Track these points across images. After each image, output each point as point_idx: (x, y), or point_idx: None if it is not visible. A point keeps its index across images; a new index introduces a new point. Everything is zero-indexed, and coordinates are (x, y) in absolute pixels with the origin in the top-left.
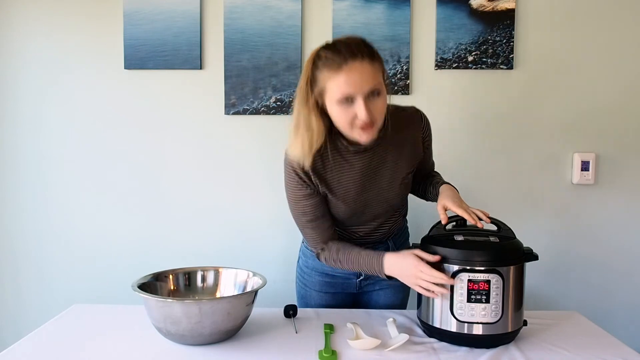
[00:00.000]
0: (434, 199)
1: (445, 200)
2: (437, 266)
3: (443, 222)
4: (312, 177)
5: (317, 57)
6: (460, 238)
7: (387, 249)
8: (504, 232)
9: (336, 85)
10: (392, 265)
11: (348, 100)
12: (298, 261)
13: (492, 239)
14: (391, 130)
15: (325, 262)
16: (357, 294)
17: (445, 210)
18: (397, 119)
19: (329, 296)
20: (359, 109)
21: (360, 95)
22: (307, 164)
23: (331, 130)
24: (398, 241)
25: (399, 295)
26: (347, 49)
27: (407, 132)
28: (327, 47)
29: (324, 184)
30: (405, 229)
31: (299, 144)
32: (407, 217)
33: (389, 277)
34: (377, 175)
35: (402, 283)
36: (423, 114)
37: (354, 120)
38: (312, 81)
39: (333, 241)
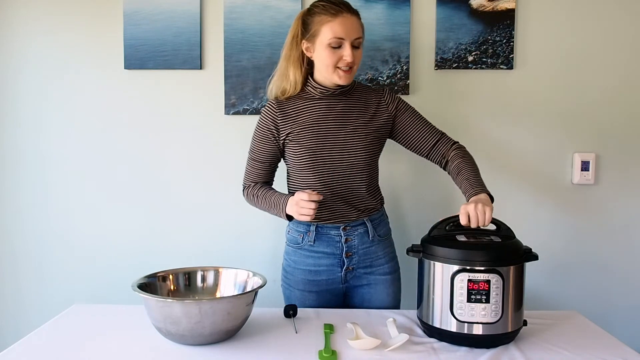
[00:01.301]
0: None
1: (467, 204)
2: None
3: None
4: (278, 115)
5: (313, 6)
6: (461, 238)
7: (367, 231)
8: (503, 231)
9: (330, 29)
10: (289, 205)
11: (338, 43)
12: (282, 264)
13: (492, 238)
14: (358, 90)
15: (246, 198)
16: (344, 293)
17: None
18: (365, 86)
19: (313, 295)
20: (346, 52)
21: (349, 40)
22: (279, 97)
23: (305, 80)
24: (375, 223)
25: (388, 289)
26: (341, 3)
27: (372, 96)
28: (320, 0)
29: (289, 122)
30: (384, 215)
31: (276, 87)
32: (384, 207)
33: (289, 218)
34: (338, 122)
35: (390, 276)
36: (387, 88)
37: (337, 62)
38: (302, 32)
39: (260, 184)
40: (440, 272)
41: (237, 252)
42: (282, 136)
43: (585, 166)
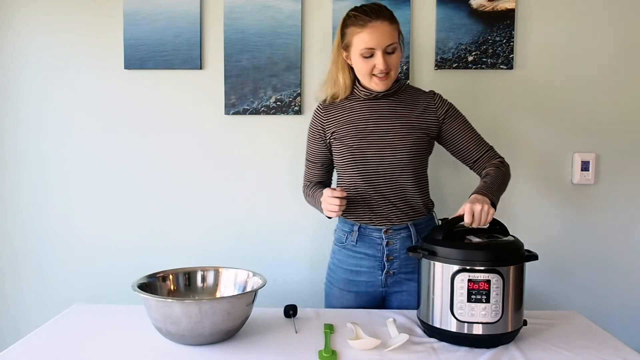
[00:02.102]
0: None
1: (468, 201)
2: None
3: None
4: (324, 116)
5: (347, 17)
6: (474, 239)
7: (410, 236)
8: (501, 231)
9: (361, 40)
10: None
11: (369, 52)
12: (328, 262)
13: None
14: (405, 93)
15: (304, 195)
16: (384, 297)
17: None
18: (414, 89)
19: (352, 295)
20: (378, 60)
21: (380, 49)
22: (328, 100)
23: (353, 83)
24: (420, 228)
25: None
26: (371, 11)
27: (420, 98)
28: (355, 9)
29: (333, 122)
30: (432, 221)
31: (327, 93)
32: (434, 214)
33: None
34: (381, 122)
35: None
36: (439, 94)
37: (372, 70)
38: (341, 40)
39: (315, 183)
40: (440, 272)
41: (237, 252)
42: (327, 135)
43: (585, 166)
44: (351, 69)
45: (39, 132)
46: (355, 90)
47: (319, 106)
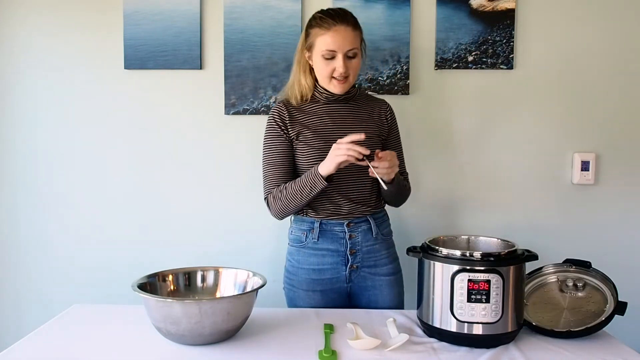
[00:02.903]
0: (385, 194)
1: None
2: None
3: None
4: (286, 115)
5: (312, 18)
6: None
7: (370, 228)
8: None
9: (323, 42)
10: (322, 163)
11: (331, 55)
12: (285, 265)
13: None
14: (361, 98)
15: (272, 207)
16: (349, 293)
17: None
18: (368, 95)
19: (318, 295)
20: (338, 63)
21: (341, 52)
22: (294, 102)
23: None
24: (378, 222)
25: (393, 290)
26: (337, 15)
27: (374, 105)
28: (322, 11)
29: (296, 124)
30: (386, 216)
31: (292, 94)
32: (386, 209)
33: (328, 180)
34: (344, 125)
35: (393, 277)
36: (389, 104)
37: (332, 73)
38: (305, 40)
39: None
40: (440, 272)
41: (237, 252)
42: (291, 135)
43: (585, 166)
44: (312, 70)
45: (38, 132)
46: (315, 93)
47: (278, 105)
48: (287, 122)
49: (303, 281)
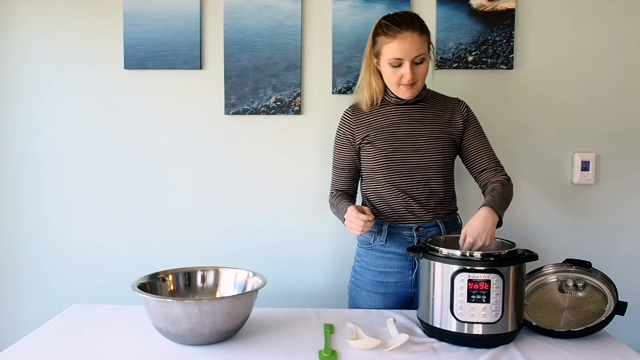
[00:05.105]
0: None
1: (467, 226)
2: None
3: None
4: (353, 121)
5: (378, 25)
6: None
7: (439, 233)
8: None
9: (390, 50)
10: (346, 215)
11: (398, 62)
12: (353, 265)
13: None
14: (433, 98)
15: (329, 204)
16: (412, 298)
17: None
18: (440, 95)
19: (380, 297)
20: (405, 70)
21: (408, 60)
22: (364, 107)
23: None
24: (449, 227)
25: None
26: (403, 21)
27: (447, 104)
28: (387, 18)
29: (364, 127)
30: (458, 223)
31: (364, 98)
32: (458, 213)
33: None
34: (413, 126)
35: None
36: (464, 101)
37: (400, 80)
38: (372, 47)
39: (341, 192)
40: (441, 272)
41: (237, 252)
42: (357, 140)
43: (585, 166)
44: (381, 74)
45: (38, 132)
46: (385, 96)
47: (347, 111)
48: (354, 127)
49: (368, 282)
